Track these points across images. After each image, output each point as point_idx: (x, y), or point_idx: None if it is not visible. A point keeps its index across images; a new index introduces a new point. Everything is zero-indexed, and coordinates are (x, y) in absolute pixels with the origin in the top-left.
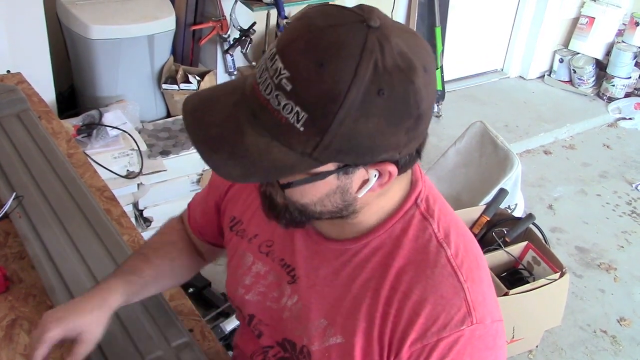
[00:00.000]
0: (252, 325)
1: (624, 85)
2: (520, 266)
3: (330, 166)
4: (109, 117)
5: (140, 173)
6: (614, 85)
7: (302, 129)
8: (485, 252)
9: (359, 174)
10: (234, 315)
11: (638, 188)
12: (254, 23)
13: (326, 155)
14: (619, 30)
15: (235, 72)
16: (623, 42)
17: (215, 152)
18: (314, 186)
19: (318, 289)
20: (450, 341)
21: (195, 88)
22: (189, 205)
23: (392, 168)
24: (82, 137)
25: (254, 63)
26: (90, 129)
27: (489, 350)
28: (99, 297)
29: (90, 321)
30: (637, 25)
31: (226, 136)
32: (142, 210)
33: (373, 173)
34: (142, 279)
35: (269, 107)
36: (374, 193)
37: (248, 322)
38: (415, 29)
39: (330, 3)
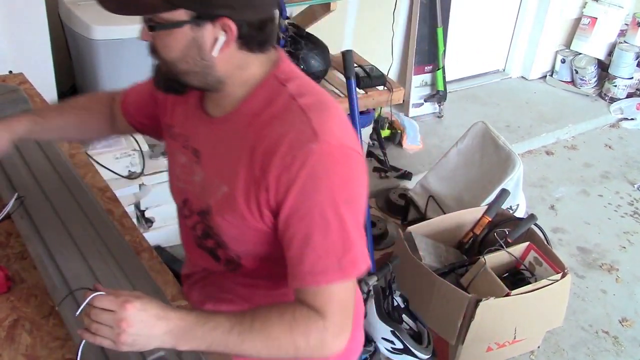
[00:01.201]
0: (185, 210)
1: (626, 86)
2: (522, 267)
3: (183, 15)
4: None
5: (142, 173)
6: (616, 86)
7: None
8: (486, 253)
9: (208, 29)
10: None
11: None
12: None
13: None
14: (621, 30)
15: None
16: (625, 42)
17: None
18: (173, 36)
19: (212, 158)
20: (304, 154)
21: None
22: (126, 89)
23: (232, 25)
24: None
25: None
26: None
27: (340, 165)
28: (5, 122)
29: None
30: (639, 26)
31: None
32: (144, 211)
33: (220, 32)
34: (48, 124)
35: None
36: (229, 60)
37: (182, 208)
38: (417, 30)
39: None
